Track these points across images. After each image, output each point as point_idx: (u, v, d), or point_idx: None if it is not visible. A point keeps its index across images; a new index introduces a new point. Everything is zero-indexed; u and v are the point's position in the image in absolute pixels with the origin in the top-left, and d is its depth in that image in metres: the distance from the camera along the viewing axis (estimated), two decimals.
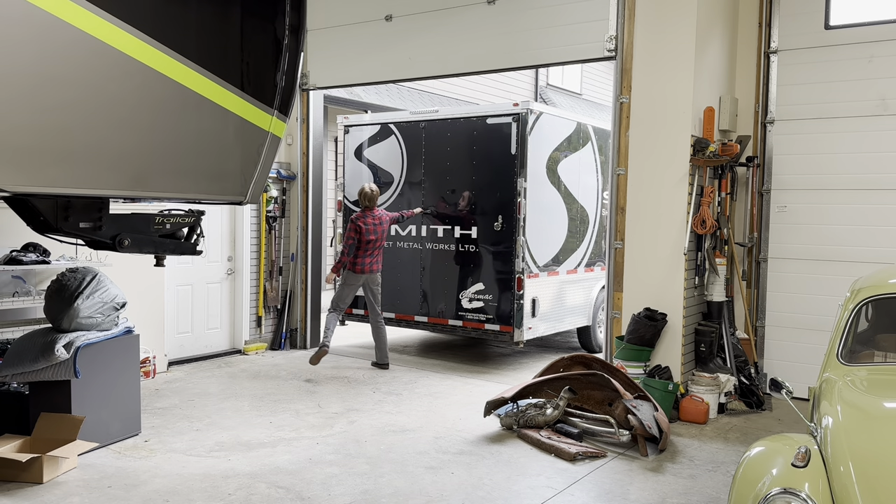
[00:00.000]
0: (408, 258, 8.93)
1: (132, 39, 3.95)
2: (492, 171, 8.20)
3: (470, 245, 8.42)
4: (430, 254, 8.73)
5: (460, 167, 8.44)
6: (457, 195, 8.50)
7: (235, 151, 4.70)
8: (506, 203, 8.11)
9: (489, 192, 8.26)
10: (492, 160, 8.18)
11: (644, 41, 6.70)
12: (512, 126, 8.02)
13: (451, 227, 8.52)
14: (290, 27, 4.92)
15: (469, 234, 8.41)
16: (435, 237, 8.68)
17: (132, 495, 4.59)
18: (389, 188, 9.02)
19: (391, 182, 8.99)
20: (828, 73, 6.96)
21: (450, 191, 8.56)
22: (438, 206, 8.64)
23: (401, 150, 8.88)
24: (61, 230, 4.42)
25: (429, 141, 8.68)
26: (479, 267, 8.34)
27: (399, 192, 8.95)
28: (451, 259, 8.55)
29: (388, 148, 9.00)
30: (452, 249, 8.54)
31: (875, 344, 4.02)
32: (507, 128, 8.05)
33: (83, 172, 3.91)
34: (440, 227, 8.61)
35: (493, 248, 8.25)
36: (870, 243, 6.80)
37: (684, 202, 6.59)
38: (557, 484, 4.87)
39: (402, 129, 8.87)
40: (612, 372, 6.16)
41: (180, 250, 5.12)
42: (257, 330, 9.08)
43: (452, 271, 8.55)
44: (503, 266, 8.17)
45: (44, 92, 3.63)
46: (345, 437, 5.79)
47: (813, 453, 3.08)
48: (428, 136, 8.68)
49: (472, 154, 8.34)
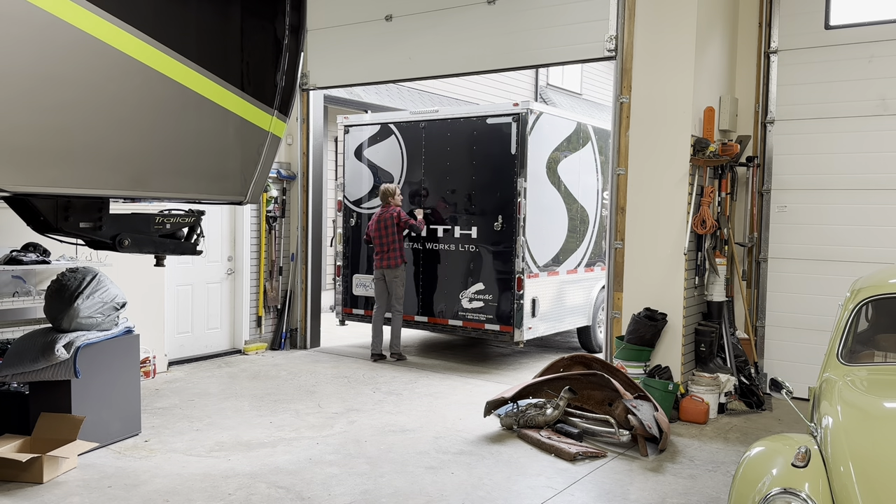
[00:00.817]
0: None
1: (132, 39, 3.95)
2: (492, 171, 8.20)
3: (470, 245, 8.42)
4: (430, 254, 8.72)
5: (460, 167, 8.44)
6: (457, 195, 8.51)
7: (235, 151, 4.70)
8: (506, 203, 8.11)
9: (489, 192, 8.25)
10: (492, 160, 8.18)
11: (644, 41, 6.70)
12: (512, 126, 8.02)
13: (451, 226, 8.53)
14: (290, 27, 4.92)
15: (469, 234, 8.41)
16: (435, 237, 8.68)
17: (132, 495, 4.59)
18: None
19: (391, 182, 9.00)
20: (828, 73, 6.96)
21: (450, 191, 8.57)
22: (438, 206, 8.64)
23: (401, 150, 8.89)
24: (61, 230, 4.41)
25: (429, 141, 8.68)
26: (479, 267, 8.35)
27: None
28: (451, 259, 8.55)
29: (389, 148, 9.00)
30: (452, 249, 8.54)
31: (875, 344, 4.02)
32: (507, 128, 8.06)
33: (83, 172, 3.91)
34: (440, 227, 8.61)
35: (493, 248, 8.25)
36: (870, 243, 6.80)
37: (684, 202, 6.59)
38: (557, 484, 4.87)
39: (403, 129, 8.87)
40: (612, 372, 6.16)
41: (180, 250, 5.12)
42: (257, 330, 9.08)
43: (452, 271, 8.55)
44: (503, 266, 8.18)
45: (44, 92, 3.63)
46: (345, 437, 5.79)
47: (813, 453, 3.08)
48: (428, 135, 8.68)
49: (472, 154, 8.34)
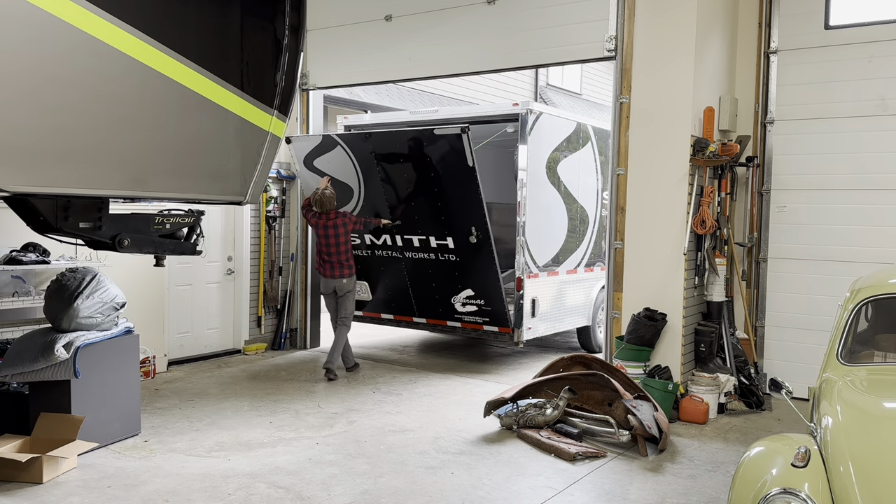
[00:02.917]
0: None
1: (132, 39, 3.95)
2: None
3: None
4: (429, 253, 8.70)
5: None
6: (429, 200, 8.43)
7: (235, 151, 4.70)
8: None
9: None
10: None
11: (644, 41, 6.70)
12: (514, 130, 8.00)
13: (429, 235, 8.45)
14: (290, 27, 4.92)
15: (445, 244, 8.35)
16: (428, 246, 8.63)
17: (132, 495, 4.59)
18: (352, 198, 8.93)
19: (351, 195, 8.93)
20: (828, 73, 6.96)
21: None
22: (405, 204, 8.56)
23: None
24: (61, 230, 4.42)
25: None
26: (465, 273, 8.29)
27: (364, 201, 8.89)
28: (451, 259, 8.53)
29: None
30: (452, 249, 8.52)
31: (875, 344, 4.02)
32: (513, 134, 8.01)
33: (83, 172, 3.92)
34: (419, 236, 8.57)
35: (477, 255, 8.19)
36: (870, 243, 6.79)
37: (684, 202, 6.59)
38: (557, 484, 4.87)
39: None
40: (611, 372, 6.16)
41: (180, 250, 5.13)
42: (257, 330, 9.08)
43: (452, 271, 8.53)
44: (495, 268, 8.14)
45: (44, 92, 3.64)
46: (344, 437, 5.79)
47: (813, 453, 3.08)
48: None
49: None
